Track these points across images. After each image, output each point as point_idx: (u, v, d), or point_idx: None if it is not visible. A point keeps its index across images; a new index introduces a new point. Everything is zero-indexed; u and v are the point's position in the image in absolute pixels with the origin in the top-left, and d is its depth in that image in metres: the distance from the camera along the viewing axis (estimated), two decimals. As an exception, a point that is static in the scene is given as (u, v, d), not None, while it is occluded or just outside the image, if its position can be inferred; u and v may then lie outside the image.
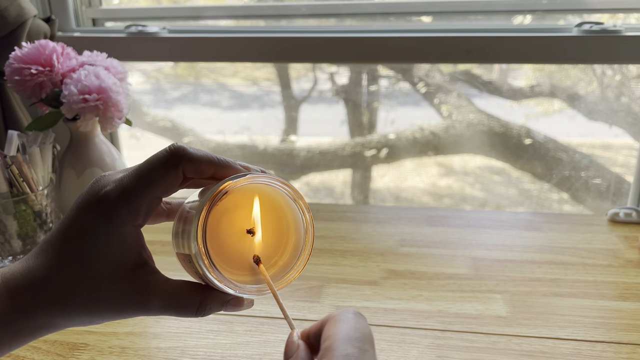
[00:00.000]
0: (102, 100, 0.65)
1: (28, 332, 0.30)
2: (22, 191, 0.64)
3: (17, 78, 0.66)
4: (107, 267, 0.30)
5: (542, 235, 0.73)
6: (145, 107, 1.30)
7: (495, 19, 0.90)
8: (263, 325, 0.53)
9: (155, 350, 0.49)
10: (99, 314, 0.31)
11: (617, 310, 0.55)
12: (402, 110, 1.27)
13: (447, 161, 1.32)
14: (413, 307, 0.56)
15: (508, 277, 0.62)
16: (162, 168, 0.30)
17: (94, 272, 0.30)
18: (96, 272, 0.30)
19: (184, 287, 0.32)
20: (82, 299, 0.30)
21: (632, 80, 1.10)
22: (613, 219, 0.77)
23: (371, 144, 1.29)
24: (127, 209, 0.30)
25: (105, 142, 0.74)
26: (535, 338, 0.51)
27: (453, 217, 0.79)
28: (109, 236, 0.30)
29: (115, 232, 0.30)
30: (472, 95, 1.24)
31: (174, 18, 0.95)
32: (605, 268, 0.64)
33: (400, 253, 0.68)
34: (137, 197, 0.30)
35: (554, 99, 1.19)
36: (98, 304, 0.30)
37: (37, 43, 0.67)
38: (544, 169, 1.20)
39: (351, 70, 1.21)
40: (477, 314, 0.54)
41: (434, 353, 0.49)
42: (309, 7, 0.90)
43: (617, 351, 0.49)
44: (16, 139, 0.66)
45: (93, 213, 0.30)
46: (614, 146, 1.20)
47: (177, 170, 0.30)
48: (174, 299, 0.32)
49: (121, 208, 0.30)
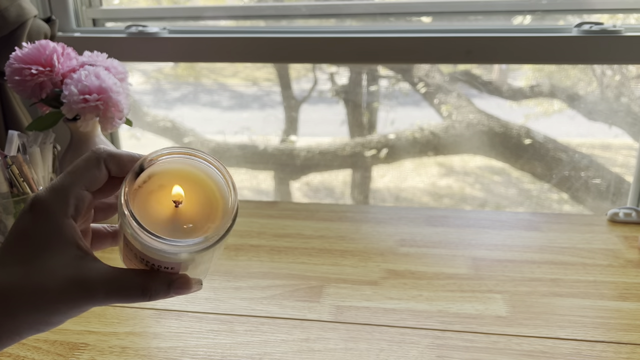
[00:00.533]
0: (103, 100, 0.65)
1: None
2: (22, 191, 0.64)
3: (18, 78, 0.66)
4: (48, 262, 0.32)
5: (541, 235, 0.73)
6: (145, 107, 1.30)
7: (495, 20, 0.90)
8: (263, 325, 0.53)
9: (155, 350, 0.49)
10: (46, 308, 0.31)
11: (617, 310, 0.55)
12: (402, 110, 1.27)
13: (447, 161, 1.32)
14: (413, 307, 0.56)
15: (508, 277, 0.62)
16: (85, 163, 0.33)
17: (35, 269, 0.31)
18: (38, 268, 0.31)
19: (127, 272, 0.33)
20: (26, 294, 0.31)
21: (631, 81, 1.10)
22: (613, 219, 0.77)
23: (371, 144, 1.29)
24: (57, 202, 0.32)
25: (106, 142, 0.74)
26: (535, 338, 0.51)
27: (453, 217, 0.79)
28: (45, 232, 0.32)
29: (50, 226, 0.32)
30: (472, 96, 1.24)
31: (174, 18, 0.95)
32: (605, 268, 0.64)
33: (400, 253, 0.68)
34: (64, 189, 0.33)
35: (554, 99, 1.19)
36: (42, 298, 0.31)
37: (37, 43, 0.67)
38: (543, 169, 1.20)
39: (351, 70, 1.21)
40: (477, 314, 0.55)
41: (434, 353, 0.49)
42: (309, 7, 0.90)
43: (617, 351, 0.49)
44: (16, 139, 0.66)
45: (29, 213, 0.33)
46: (613, 146, 1.20)
47: (99, 163, 0.33)
48: (117, 285, 0.32)
49: (51, 202, 0.32)
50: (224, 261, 0.66)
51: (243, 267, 0.65)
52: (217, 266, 0.65)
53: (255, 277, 0.63)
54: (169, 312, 0.56)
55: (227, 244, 0.71)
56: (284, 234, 0.73)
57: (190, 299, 0.58)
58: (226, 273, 0.63)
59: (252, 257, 0.67)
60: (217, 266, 0.65)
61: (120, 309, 0.56)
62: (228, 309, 0.56)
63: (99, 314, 0.55)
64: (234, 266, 0.65)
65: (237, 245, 0.70)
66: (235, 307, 0.56)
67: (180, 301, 0.58)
